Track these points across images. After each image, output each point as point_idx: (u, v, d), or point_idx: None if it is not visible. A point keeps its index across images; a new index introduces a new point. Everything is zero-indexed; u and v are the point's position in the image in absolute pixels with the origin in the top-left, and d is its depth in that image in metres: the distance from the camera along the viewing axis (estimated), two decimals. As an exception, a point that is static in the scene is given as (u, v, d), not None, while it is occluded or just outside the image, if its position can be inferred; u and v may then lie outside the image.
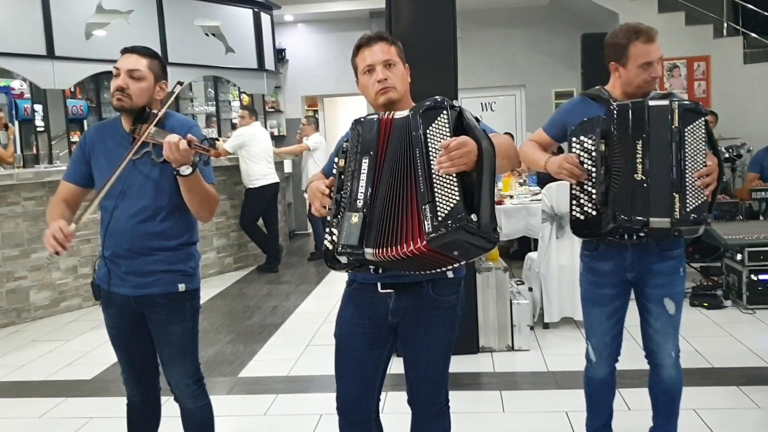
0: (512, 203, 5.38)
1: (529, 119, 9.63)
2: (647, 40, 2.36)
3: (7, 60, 6.42)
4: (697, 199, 2.23)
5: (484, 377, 3.90)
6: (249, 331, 5.03)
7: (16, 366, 4.42)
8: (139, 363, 2.42)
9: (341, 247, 1.81)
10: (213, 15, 8.31)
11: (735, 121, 7.58)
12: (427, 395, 2.12)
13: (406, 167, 1.77)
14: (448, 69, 3.96)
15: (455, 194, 1.66)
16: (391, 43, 2.08)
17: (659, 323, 2.48)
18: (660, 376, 2.55)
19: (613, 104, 2.38)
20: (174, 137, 2.09)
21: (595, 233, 2.41)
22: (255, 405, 3.60)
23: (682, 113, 2.26)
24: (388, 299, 2.04)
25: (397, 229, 1.74)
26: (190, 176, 2.16)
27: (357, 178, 1.83)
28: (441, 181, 1.69)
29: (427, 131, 1.74)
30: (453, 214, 1.64)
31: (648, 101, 2.33)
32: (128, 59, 2.28)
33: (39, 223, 5.50)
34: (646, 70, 2.37)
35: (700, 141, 2.26)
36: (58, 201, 2.39)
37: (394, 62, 2.05)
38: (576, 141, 2.42)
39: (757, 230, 5.10)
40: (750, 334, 4.40)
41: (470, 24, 9.33)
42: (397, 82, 2.04)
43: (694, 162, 2.25)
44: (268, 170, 7.00)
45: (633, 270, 2.46)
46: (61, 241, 2.15)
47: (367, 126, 1.89)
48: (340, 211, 1.86)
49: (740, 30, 8.10)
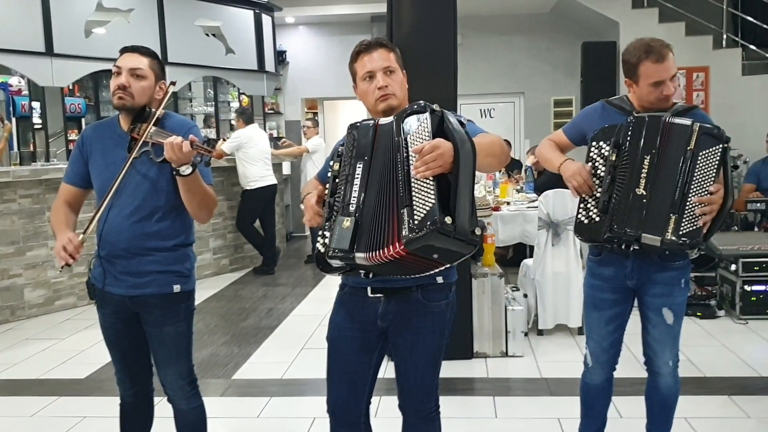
0: (509, 210, 5.40)
1: (528, 126, 9.65)
2: (657, 59, 2.33)
3: (6, 57, 6.41)
4: (692, 224, 2.23)
5: (478, 383, 3.90)
6: (244, 333, 5.03)
7: (10, 364, 4.41)
8: (132, 363, 2.42)
9: (332, 251, 1.82)
10: (214, 15, 8.31)
11: (732, 132, 7.40)
12: (417, 400, 2.12)
13: (391, 172, 1.80)
14: (448, 75, 3.97)
15: (431, 197, 1.67)
16: (390, 49, 2.09)
17: (657, 332, 2.49)
18: (656, 384, 2.56)
19: (632, 116, 2.38)
20: (177, 138, 2.09)
21: (594, 238, 2.43)
22: (248, 407, 3.60)
23: (701, 137, 2.25)
24: (377, 303, 2.05)
25: (383, 234, 1.75)
26: (190, 176, 2.16)
27: (351, 182, 1.85)
28: (418, 185, 1.71)
29: (408, 136, 1.77)
30: (428, 217, 1.65)
31: (671, 118, 2.32)
32: (129, 58, 2.28)
33: (35, 221, 5.50)
34: (658, 88, 2.35)
35: (711, 167, 2.25)
36: (61, 205, 2.39)
37: (393, 69, 2.06)
38: (595, 146, 2.43)
39: (751, 241, 5.12)
40: (743, 344, 4.42)
41: (471, 30, 9.35)
42: (397, 89, 2.06)
43: (699, 187, 2.24)
44: (266, 172, 7.00)
45: (633, 278, 2.47)
46: (72, 253, 2.17)
47: (363, 131, 1.91)
48: (333, 215, 1.87)
49: (739, 42, 8.14)
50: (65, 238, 2.19)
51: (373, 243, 1.75)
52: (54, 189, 5.49)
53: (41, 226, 5.54)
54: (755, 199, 6.24)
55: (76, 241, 2.18)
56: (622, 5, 8.06)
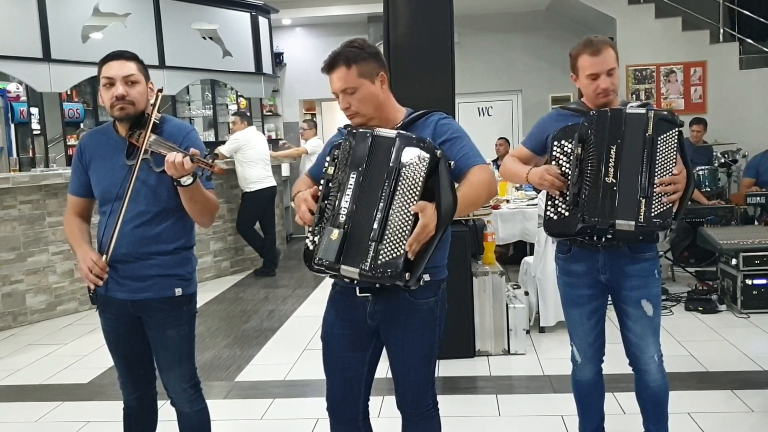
0: (509, 208, 5.40)
1: (526, 124, 9.67)
2: (593, 52, 2.40)
3: (3, 63, 6.41)
4: (662, 206, 2.29)
5: (480, 381, 3.90)
6: (246, 336, 5.03)
7: (13, 370, 4.41)
8: (135, 367, 2.42)
9: (318, 260, 1.87)
10: (210, 18, 8.31)
11: (731, 127, 7.62)
12: (413, 398, 2.14)
13: (376, 192, 1.85)
14: (445, 74, 3.97)
15: (401, 246, 1.78)
16: (350, 64, 2.00)
17: (638, 326, 2.50)
18: (645, 383, 2.56)
19: (593, 111, 2.43)
20: (178, 156, 2.09)
21: (565, 233, 2.45)
22: (251, 409, 3.60)
23: (657, 122, 2.32)
24: (366, 303, 2.07)
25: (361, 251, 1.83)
26: (191, 186, 2.17)
27: (343, 191, 1.88)
28: (394, 226, 1.80)
29: (402, 169, 1.83)
30: (390, 265, 1.78)
31: (626, 109, 2.38)
32: (117, 66, 2.24)
33: (35, 227, 5.50)
34: (594, 81, 2.42)
35: (671, 150, 2.31)
36: (72, 217, 2.40)
37: (352, 88, 2.00)
38: (557, 145, 2.47)
39: (752, 235, 5.12)
40: (744, 338, 4.42)
41: (468, 29, 9.36)
42: (360, 107, 2.02)
43: (663, 170, 2.30)
44: (265, 174, 7.01)
45: (606, 272, 2.49)
46: (99, 274, 2.22)
47: (360, 139, 1.92)
48: (323, 220, 1.90)
49: (736, 36, 8.15)
50: (89, 260, 2.22)
51: (356, 257, 1.83)
52: (54, 194, 5.50)
53: (41, 232, 5.55)
54: (755, 192, 6.25)
55: (101, 264, 2.22)
56: (618, 1, 8.07)
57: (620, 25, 7.98)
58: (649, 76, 8.04)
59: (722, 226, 5.73)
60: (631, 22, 7.96)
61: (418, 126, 2.08)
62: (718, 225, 5.74)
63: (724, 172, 7.03)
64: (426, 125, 2.08)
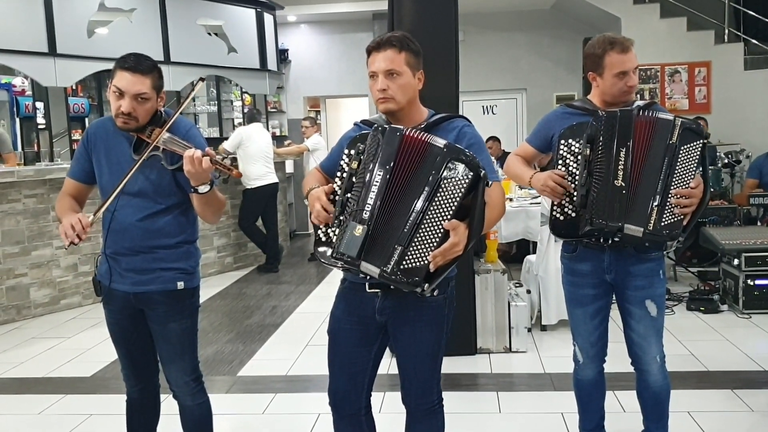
0: (512, 206, 5.40)
1: (530, 123, 9.65)
2: (622, 50, 2.40)
3: (9, 57, 6.43)
4: (674, 217, 2.27)
5: (482, 378, 3.92)
6: (248, 331, 5.05)
7: (16, 363, 4.44)
8: (138, 359, 2.44)
9: (337, 254, 1.84)
10: (216, 14, 8.33)
11: (735, 127, 7.61)
12: (418, 394, 2.15)
13: (411, 197, 1.82)
14: (450, 72, 3.97)
15: (425, 258, 1.79)
16: (401, 49, 2.02)
17: (641, 326, 2.50)
18: (647, 383, 2.57)
19: (602, 111, 2.41)
20: (197, 152, 2.08)
21: (572, 234, 2.44)
22: (253, 404, 3.62)
23: (683, 131, 2.29)
24: (375, 298, 2.07)
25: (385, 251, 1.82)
26: (207, 193, 2.18)
27: (368, 187, 1.83)
28: (423, 235, 1.80)
29: (443, 180, 1.81)
30: (412, 273, 1.79)
31: (656, 113, 2.35)
32: (132, 81, 2.16)
33: (39, 221, 5.52)
34: (622, 79, 2.41)
35: (692, 161, 2.29)
36: (65, 196, 2.40)
37: (398, 72, 2.00)
38: (564, 144, 2.45)
39: (754, 236, 5.12)
40: (745, 338, 4.42)
41: (472, 27, 9.36)
42: (398, 93, 2.01)
43: (681, 181, 2.28)
44: (266, 171, 7.01)
45: (611, 272, 2.49)
46: (79, 232, 2.15)
47: (389, 137, 1.87)
48: (345, 214, 1.88)
49: (741, 36, 8.13)
50: (74, 218, 2.17)
51: (379, 256, 1.82)
52: (58, 189, 5.45)
53: (46, 226, 5.57)
54: (758, 193, 6.24)
55: (85, 221, 2.16)
56: (623, 1, 8.06)
57: (625, 24, 7.97)
58: (653, 76, 8.04)
59: (725, 226, 5.73)
60: (636, 21, 7.95)
61: (441, 129, 2.06)
62: (720, 225, 5.74)
63: (727, 172, 7.02)
64: (449, 130, 2.07)
